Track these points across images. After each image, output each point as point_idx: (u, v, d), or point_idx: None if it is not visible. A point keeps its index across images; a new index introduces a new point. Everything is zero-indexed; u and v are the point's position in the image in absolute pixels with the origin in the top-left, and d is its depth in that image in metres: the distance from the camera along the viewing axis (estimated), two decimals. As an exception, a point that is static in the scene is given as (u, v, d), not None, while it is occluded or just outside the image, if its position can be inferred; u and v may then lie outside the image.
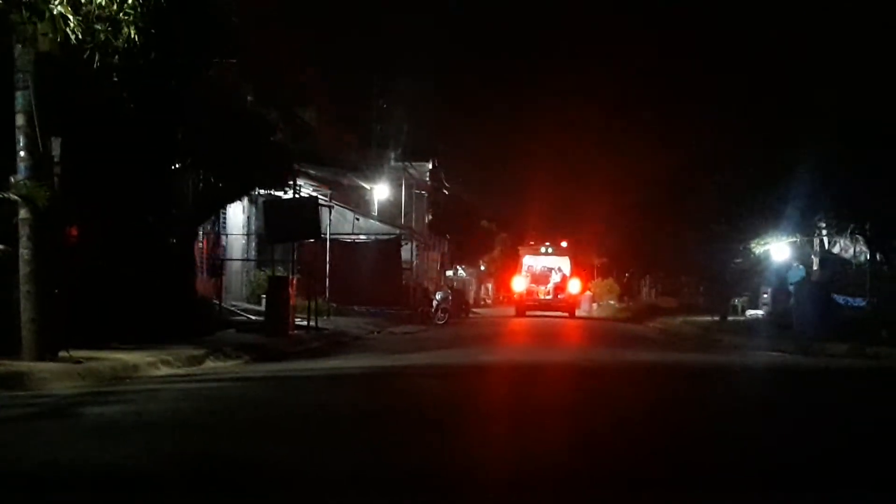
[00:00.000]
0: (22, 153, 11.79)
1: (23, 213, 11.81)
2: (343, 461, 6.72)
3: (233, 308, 24.49)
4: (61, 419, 8.58)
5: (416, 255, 44.62)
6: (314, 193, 29.71)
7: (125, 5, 10.94)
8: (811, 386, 14.22)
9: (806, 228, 27.77)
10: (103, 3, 10.81)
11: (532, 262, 49.65)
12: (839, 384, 14.66)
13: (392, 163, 45.16)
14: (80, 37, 10.97)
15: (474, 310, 47.73)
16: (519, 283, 47.68)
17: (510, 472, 6.58)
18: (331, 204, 31.34)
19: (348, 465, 6.58)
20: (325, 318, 24.68)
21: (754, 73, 27.68)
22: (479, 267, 66.74)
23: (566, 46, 79.08)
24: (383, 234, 38.46)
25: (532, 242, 54.44)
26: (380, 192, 42.18)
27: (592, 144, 55.03)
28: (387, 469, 6.50)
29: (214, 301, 21.98)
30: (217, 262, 26.59)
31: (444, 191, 55.12)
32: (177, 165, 18.25)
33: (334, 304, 28.62)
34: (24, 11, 10.42)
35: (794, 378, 15.46)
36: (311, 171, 29.86)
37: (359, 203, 40.58)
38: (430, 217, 51.61)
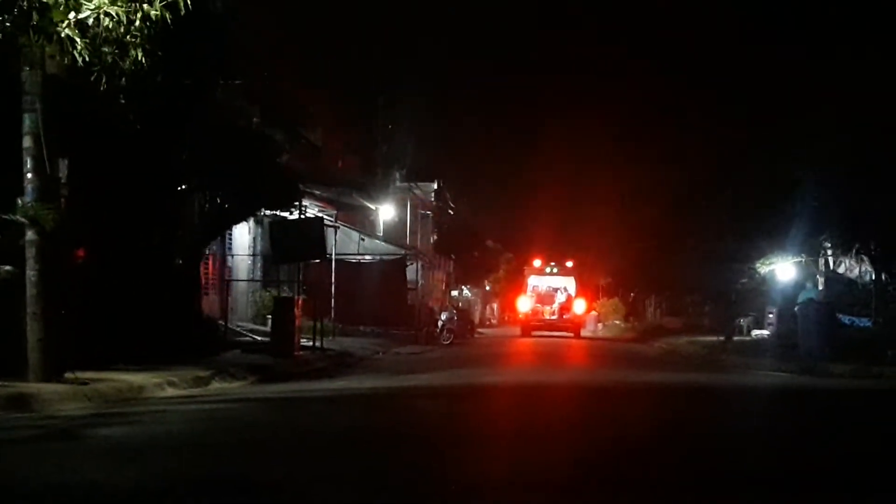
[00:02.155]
0: (29, 175, 11.83)
1: (30, 234, 11.85)
2: (348, 482, 6.74)
3: (238, 328, 24.52)
4: (68, 441, 8.59)
5: (422, 275, 44.63)
6: (320, 214, 29.76)
7: (132, 28, 10.99)
8: (814, 406, 14.21)
9: (811, 248, 27.79)
10: (111, 26, 10.86)
11: (537, 282, 49.65)
12: (842, 404, 14.63)
13: (397, 183, 45.27)
14: (87, 59, 11.02)
15: (479, 330, 47.74)
16: (524, 304, 47.68)
17: (513, 490, 6.61)
18: (336, 224, 31.39)
19: (354, 486, 6.60)
20: (330, 338, 24.70)
21: (759, 94, 27.73)
22: (485, 287, 66.77)
23: (571, 66, 79.28)
24: (388, 254, 38.49)
25: (537, 262, 54.41)
26: (385, 212, 42.26)
27: (597, 164, 55.13)
28: (390, 490, 6.52)
29: (220, 321, 22.01)
30: (223, 282, 26.66)
31: (450, 211, 55.20)
32: (183, 186, 18.32)
33: (340, 325, 28.63)
34: (32, 34, 10.48)
35: (799, 398, 15.44)
36: (317, 192, 29.94)
37: (364, 223, 40.65)
38: (436, 237, 51.67)
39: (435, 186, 51.02)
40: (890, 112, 22.62)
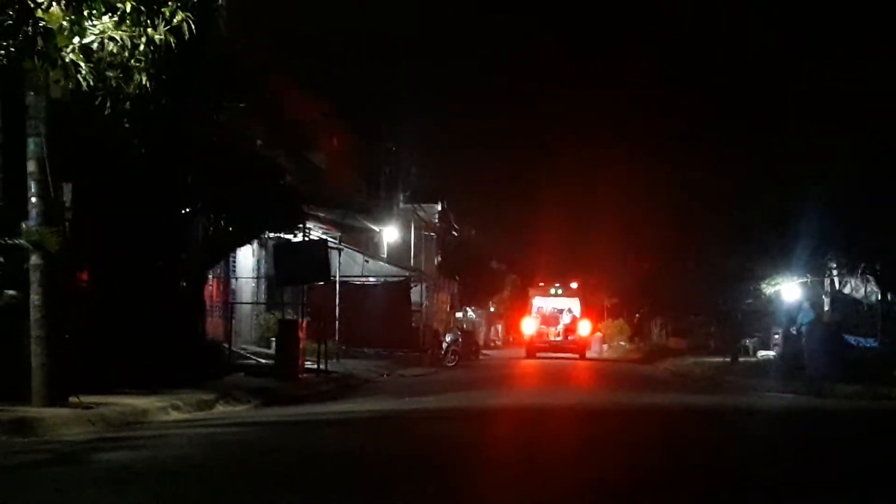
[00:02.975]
0: (33, 199, 11.84)
1: (34, 258, 11.85)
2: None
3: (242, 351, 24.47)
4: (71, 466, 8.56)
5: (426, 296, 44.56)
6: (324, 236, 29.76)
7: (136, 52, 11.02)
8: (821, 427, 14.15)
9: (817, 268, 27.75)
10: (115, 51, 10.90)
11: (542, 303, 49.61)
12: (849, 425, 14.58)
13: (401, 205, 45.25)
14: (91, 84, 11.05)
15: (484, 351, 47.61)
16: (529, 325, 47.60)
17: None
18: (340, 246, 31.38)
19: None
20: (334, 360, 24.65)
21: (764, 113, 27.73)
22: (489, 308, 66.63)
23: (576, 86, 79.39)
24: (393, 276, 38.42)
25: (542, 283, 54.36)
26: (389, 234, 42.24)
27: (602, 184, 55.17)
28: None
29: (224, 344, 21.97)
30: (227, 305, 26.61)
31: (454, 232, 55.16)
32: (187, 209, 18.31)
33: (344, 347, 28.57)
34: (36, 59, 10.50)
35: (806, 420, 15.38)
36: (321, 214, 29.94)
37: (368, 245, 40.61)
38: (440, 259, 51.59)
39: (439, 208, 51.00)
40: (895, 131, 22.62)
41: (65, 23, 10.37)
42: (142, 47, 10.98)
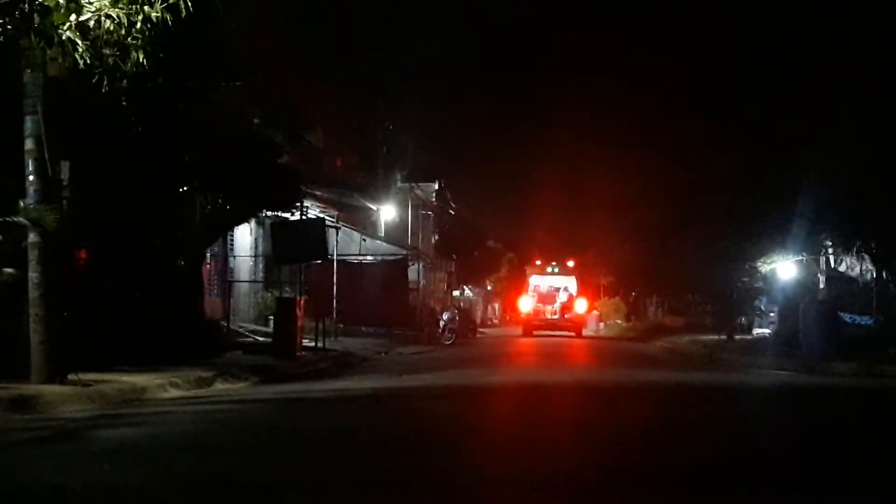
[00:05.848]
0: (31, 177, 11.86)
1: (32, 236, 11.88)
2: (350, 483, 6.75)
3: (240, 329, 24.54)
4: (71, 442, 8.60)
5: (423, 275, 44.63)
6: (321, 215, 29.78)
7: (133, 30, 11.01)
8: (817, 405, 14.20)
9: (812, 247, 27.80)
10: (112, 29, 10.89)
11: (539, 281, 49.66)
12: (845, 403, 14.63)
13: (398, 184, 45.27)
14: (88, 61, 11.06)
15: (481, 330, 47.72)
16: (526, 303, 47.69)
17: (519, 490, 6.62)
18: (338, 225, 31.41)
19: (356, 487, 6.62)
20: (332, 338, 24.72)
21: (760, 92, 27.71)
22: (486, 287, 66.75)
23: (575, 67, 79.32)
24: (390, 254, 38.50)
25: (538, 262, 54.43)
26: (386, 212, 42.28)
27: (599, 164, 55.12)
28: (392, 491, 6.53)
29: (222, 323, 22.04)
30: (225, 283, 26.67)
31: (451, 211, 55.16)
32: (185, 188, 18.33)
33: (341, 325, 28.64)
34: (33, 37, 10.51)
35: (801, 397, 15.43)
36: (318, 193, 29.97)
37: (365, 224, 40.65)
38: (437, 237, 51.62)
39: (436, 186, 51.00)
40: (891, 109, 22.60)
41: (61, 0, 10.37)
42: (139, 25, 10.98)
